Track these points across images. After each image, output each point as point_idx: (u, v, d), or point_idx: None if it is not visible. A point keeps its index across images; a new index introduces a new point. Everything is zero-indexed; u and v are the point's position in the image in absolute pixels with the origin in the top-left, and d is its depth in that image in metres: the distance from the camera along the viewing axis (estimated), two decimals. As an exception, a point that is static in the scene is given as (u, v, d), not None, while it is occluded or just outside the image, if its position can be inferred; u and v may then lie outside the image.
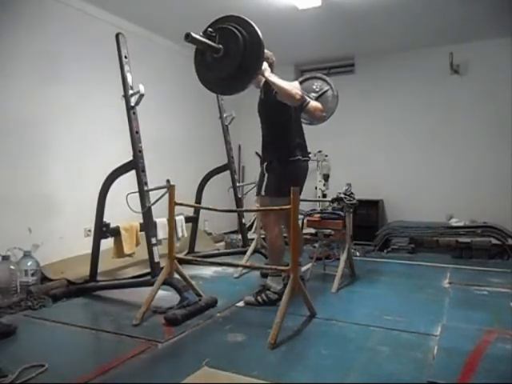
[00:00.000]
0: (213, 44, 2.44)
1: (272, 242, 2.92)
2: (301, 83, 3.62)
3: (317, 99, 3.54)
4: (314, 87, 3.67)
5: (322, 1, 3.80)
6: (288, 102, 2.78)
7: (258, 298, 2.87)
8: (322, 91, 3.63)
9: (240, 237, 4.46)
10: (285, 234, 3.02)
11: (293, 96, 2.70)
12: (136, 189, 2.96)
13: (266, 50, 2.99)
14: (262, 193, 2.92)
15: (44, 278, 3.20)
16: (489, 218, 4.62)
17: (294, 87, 2.75)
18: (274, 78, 2.74)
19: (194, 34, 2.34)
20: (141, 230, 3.20)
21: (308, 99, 3.12)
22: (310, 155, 3.11)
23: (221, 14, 4.09)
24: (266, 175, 2.92)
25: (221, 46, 2.44)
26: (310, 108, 3.10)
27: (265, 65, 2.75)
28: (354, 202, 3.41)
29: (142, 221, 3.03)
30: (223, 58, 2.43)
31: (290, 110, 2.91)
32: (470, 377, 1.83)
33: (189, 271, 3.36)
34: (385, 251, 4.81)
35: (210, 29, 2.46)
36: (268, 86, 2.81)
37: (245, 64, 2.39)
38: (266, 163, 2.96)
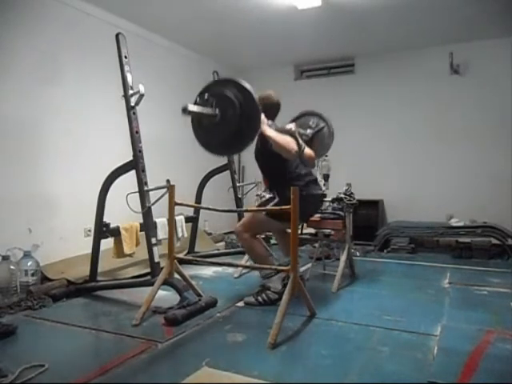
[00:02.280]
0: (210, 112, 2.47)
1: (249, 251, 2.99)
2: (298, 118, 3.77)
3: (313, 135, 3.63)
4: (311, 123, 3.72)
5: (322, 1, 3.80)
6: (283, 155, 2.78)
7: (258, 298, 2.87)
8: (319, 128, 3.69)
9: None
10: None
11: (288, 151, 2.72)
12: (136, 189, 2.96)
13: (271, 95, 3.10)
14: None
15: (44, 278, 3.20)
16: (489, 218, 4.62)
17: (289, 142, 2.75)
18: (270, 132, 2.75)
19: (190, 107, 2.39)
20: (141, 230, 3.20)
21: (303, 146, 3.05)
22: (320, 189, 3.12)
23: (221, 14, 4.12)
24: (276, 200, 2.89)
25: (217, 111, 2.46)
26: (305, 155, 3.06)
27: (262, 116, 2.75)
28: (354, 201, 3.41)
29: (142, 221, 3.03)
30: (219, 124, 2.46)
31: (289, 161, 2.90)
32: (469, 377, 1.83)
33: (189, 271, 3.36)
34: (385, 251, 4.81)
35: (206, 94, 2.48)
36: (264, 136, 2.79)
37: (240, 132, 2.43)
38: (275, 191, 2.98)
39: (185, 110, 2.37)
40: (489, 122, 4.89)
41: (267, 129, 2.78)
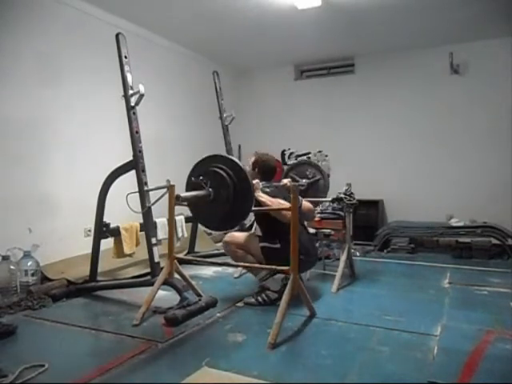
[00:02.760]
0: (203, 194, 2.50)
1: (237, 260, 3.01)
2: (296, 166, 3.88)
3: (309, 185, 3.69)
4: (308, 173, 3.79)
5: (322, 1, 3.79)
6: (279, 219, 2.80)
7: (258, 298, 2.88)
8: (315, 179, 3.76)
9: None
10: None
11: (283, 216, 2.74)
12: (136, 189, 2.96)
13: (265, 157, 3.18)
14: (262, 244, 2.93)
15: (44, 278, 3.20)
16: (489, 217, 4.62)
17: (282, 207, 2.77)
18: (263, 199, 2.82)
19: (183, 195, 2.45)
20: (141, 230, 3.20)
21: (300, 201, 3.02)
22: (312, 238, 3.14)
23: (221, 14, 4.12)
24: (278, 245, 2.88)
25: (211, 191, 2.50)
26: (303, 210, 3.06)
27: (254, 184, 2.73)
28: (354, 201, 3.40)
29: (142, 221, 3.03)
30: (213, 202, 2.51)
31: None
32: (469, 377, 1.83)
33: (189, 271, 3.36)
34: (385, 251, 4.81)
35: (201, 177, 2.53)
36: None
37: (235, 208, 2.48)
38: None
39: (178, 198, 2.43)
40: (489, 122, 4.89)
41: (260, 195, 2.84)
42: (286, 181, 3.31)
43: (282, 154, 5.57)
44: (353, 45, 5.18)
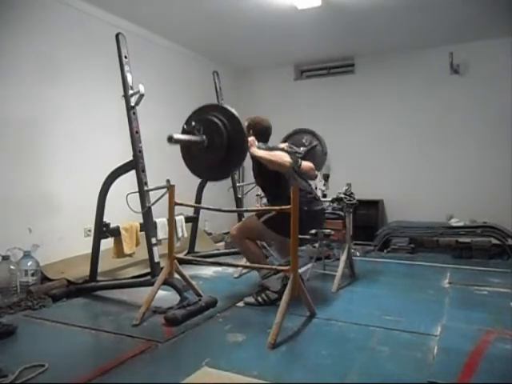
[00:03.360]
0: (196, 139, 2.50)
1: (245, 252, 3.00)
2: (291, 135, 3.84)
3: (306, 153, 3.66)
4: (304, 141, 3.77)
5: (322, 1, 3.79)
6: (278, 170, 2.81)
7: (258, 298, 2.88)
8: (311, 146, 3.74)
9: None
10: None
11: (281, 165, 2.75)
12: (136, 189, 2.96)
13: (259, 118, 3.13)
14: (262, 218, 2.90)
15: (44, 278, 3.20)
16: (489, 217, 4.62)
17: (281, 157, 2.79)
18: (259, 153, 2.78)
19: (176, 136, 2.42)
20: (141, 230, 3.20)
21: (300, 161, 3.12)
22: (321, 204, 3.06)
23: (221, 14, 4.12)
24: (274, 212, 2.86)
25: (204, 137, 2.49)
26: (303, 169, 3.12)
27: (250, 140, 2.78)
28: (354, 201, 3.41)
29: (142, 221, 3.03)
30: (207, 149, 2.50)
31: (284, 177, 2.90)
32: (469, 377, 1.83)
33: (189, 271, 3.36)
34: (385, 251, 4.81)
35: (193, 122, 2.52)
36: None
37: (228, 156, 2.48)
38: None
39: (170, 139, 2.42)
40: (489, 122, 4.89)
41: (256, 150, 2.80)
42: (283, 145, 3.32)
43: (282, 154, 5.55)
44: (353, 45, 5.18)
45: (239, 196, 4.32)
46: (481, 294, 3.13)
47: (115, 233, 3.13)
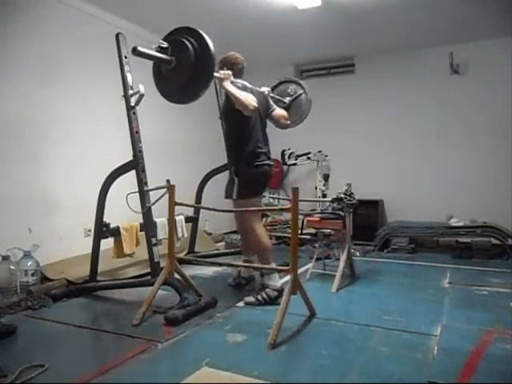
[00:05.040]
0: (162, 56, 2.51)
1: (258, 243, 2.97)
2: (277, 86, 3.85)
3: (291, 102, 3.70)
4: (289, 91, 3.78)
5: (322, 1, 3.80)
6: (242, 111, 2.85)
7: (258, 296, 2.87)
8: (296, 95, 3.75)
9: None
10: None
11: (246, 106, 2.80)
12: (136, 189, 2.96)
13: (236, 54, 3.15)
14: (234, 196, 2.99)
15: (44, 278, 3.20)
16: (489, 217, 4.62)
17: (248, 98, 2.83)
18: (230, 88, 2.82)
19: (140, 48, 2.43)
20: (141, 230, 3.20)
21: (274, 107, 3.25)
22: (271, 161, 3.17)
23: (220, 14, 4.12)
24: (236, 180, 2.99)
25: (173, 57, 2.50)
26: (275, 116, 3.24)
27: (225, 72, 2.85)
28: (354, 201, 3.40)
29: (142, 221, 3.03)
30: (175, 69, 2.51)
31: (250, 117, 2.96)
32: (469, 377, 1.83)
33: (189, 271, 3.36)
34: (385, 251, 4.80)
35: (161, 41, 2.52)
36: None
37: (196, 76, 2.47)
38: (233, 168, 3.07)
39: (134, 51, 2.43)
40: (489, 122, 4.89)
41: (228, 84, 2.83)
42: (264, 88, 3.32)
43: (282, 153, 5.58)
44: (353, 45, 5.18)
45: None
46: (481, 294, 3.13)
47: (115, 233, 3.13)
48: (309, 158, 5.34)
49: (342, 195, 3.40)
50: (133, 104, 2.95)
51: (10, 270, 2.94)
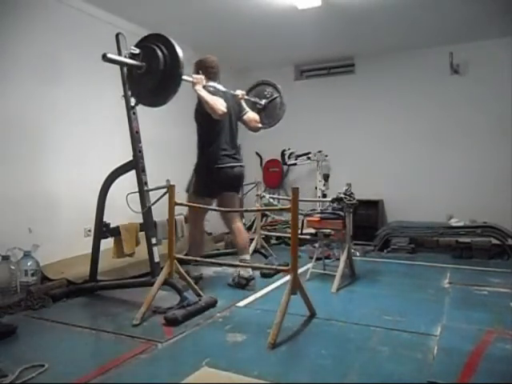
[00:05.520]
0: (131, 62, 2.62)
1: (193, 235, 3.38)
2: (254, 87, 4.05)
3: (266, 104, 3.89)
4: (266, 93, 3.94)
5: (322, 1, 3.80)
6: (212, 115, 3.01)
7: (234, 280, 3.26)
8: (272, 98, 3.91)
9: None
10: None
11: (215, 111, 2.97)
12: (136, 189, 2.96)
13: (211, 58, 3.31)
14: (188, 190, 3.29)
15: (44, 278, 3.19)
16: (489, 217, 4.62)
17: (217, 103, 2.98)
18: (201, 92, 3.00)
19: (109, 55, 2.53)
20: (141, 230, 3.20)
21: (246, 110, 3.45)
22: (240, 163, 3.38)
23: (221, 14, 4.12)
24: (194, 176, 3.25)
25: (144, 63, 2.61)
26: (246, 119, 3.44)
27: (197, 77, 3.02)
28: (354, 201, 3.40)
29: (142, 221, 3.03)
30: (145, 74, 2.62)
31: (219, 120, 3.13)
32: (469, 377, 1.83)
33: (189, 271, 3.36)
34: (385, 251, 4.80)
35: (132, 47, 2.63)
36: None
37: (164, 82, 2.59)
38: (195, 164, 3.32)
39: (104, 57, 2.52)
40: (489, 122, 4.89)
41: (199, 88, 3.00)
42: (239, 92, 3.48)
43: (282, 153, 5.58)
44: (353, 45, 5.18)
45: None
46: (481, 294, 3.13)
47: (115, 233, 3.13)
48: (309, 158, 5.34)
49: (342, 195, 3.40)
50: (133, 104, 2.95)
51: (10, 270, 2.94)
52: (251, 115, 3.46)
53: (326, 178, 5.28)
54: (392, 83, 5.42)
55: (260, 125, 3.60)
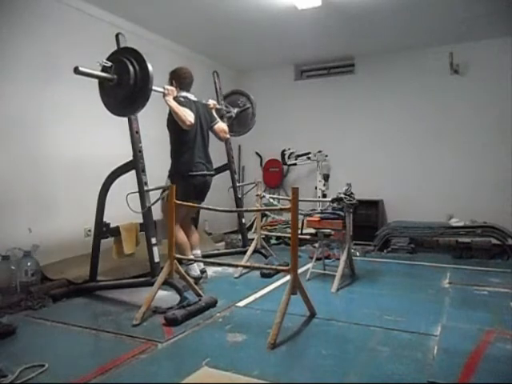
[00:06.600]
0: (103, 75, 2.67)
1: (178, 236, 3.28)
2: (229, 95, 4.26)
3: (238, 113, 4.09)
4: (239, 102, 4.15)
5: (322, 1, 3.80)
6: (181, 125, 3.15)
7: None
8: (244, 108, 4.12)
9: (240, 237, 4.46)
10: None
11: (183, 122, 3.12)
12: (136, 189, 2.96)
13: (184, 69, 3.46)
14: (162, 198, 3.20)
15: (44, 278, 3.20)
16: (489, 218, 4.62)
17: (185, 114, 3.13)
18: (171, 103, 3.14)
19: (81, 68, 2.59)
20: (141, 230, 3.20)
21: (216, 120, 3.60)
22: (211, 172, 3.51)
23: (221, 14, 4.13)
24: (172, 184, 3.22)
25: (115, 76, 2.67)
26: (216, 129, 3.59)
27: (169, 88, 3.16)
28: (354, 201, 3.40)
29: (142, 221, 3.03)
30: (116, 86, 2.68)
31: (190, 131, 3.27)
32: (469, 377, 1.83)
33: (189, 271, 3.36)
34: (385, 251, 4.80)
35: (104, 60, 2.68)
36: None
37: (134, 95, 2.64)
38: (169, 173, 3.39)
39: (76, 70, 2.57)
40: (489, 122, 4.89)
41: (170, 99, 3.14)
42: (211, 101, 3.64)
43: (282, 153, 5.59)
44: (353, 45, 5.18)
45: (239, 196, 4.32)
46: (481, 294, 3.13)
47: (115, 233, 3.13)
48: (309, 158, 5.34)
49: (342, 195, 3.40)
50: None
51: (10, 270, 2.94)
52: (221, 125, 3.61)
53: (326, 178, 5.29)
54: (392, 83, 5.42)
55: (228, 135, 3.78)
